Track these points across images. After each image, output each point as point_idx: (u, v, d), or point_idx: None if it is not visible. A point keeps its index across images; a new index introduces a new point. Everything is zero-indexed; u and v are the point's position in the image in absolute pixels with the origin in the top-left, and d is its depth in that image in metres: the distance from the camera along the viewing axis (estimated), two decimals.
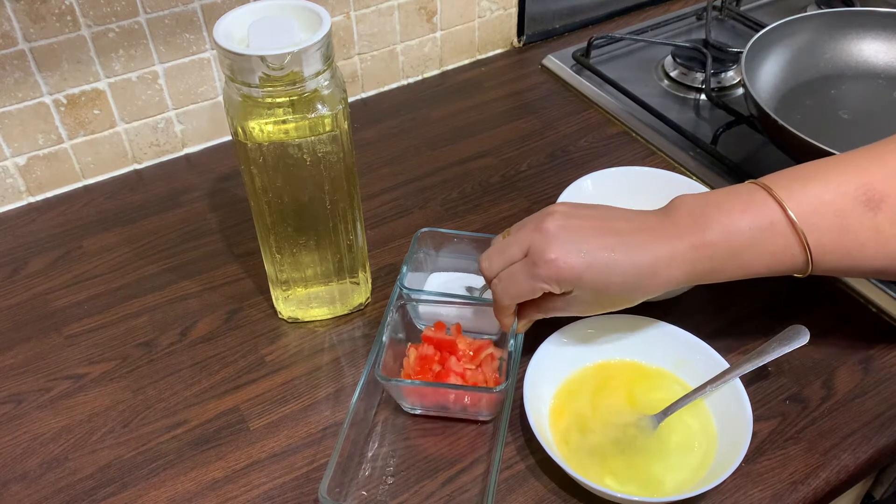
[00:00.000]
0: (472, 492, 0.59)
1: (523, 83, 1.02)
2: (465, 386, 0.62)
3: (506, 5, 1.05)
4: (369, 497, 0.58)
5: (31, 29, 0.76)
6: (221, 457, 0.62)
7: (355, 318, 0.72)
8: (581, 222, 0.59)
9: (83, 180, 0.88)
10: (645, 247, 0.57)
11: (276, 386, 0.67)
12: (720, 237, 0.57)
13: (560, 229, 0.58)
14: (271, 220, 0.64)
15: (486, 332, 0.67)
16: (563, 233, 0.58)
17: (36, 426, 0.64)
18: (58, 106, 0.82)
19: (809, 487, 0.58)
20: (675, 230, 0.58)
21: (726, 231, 0.57)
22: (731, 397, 0.61)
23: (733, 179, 0.84)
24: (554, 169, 0.88)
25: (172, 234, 0.81)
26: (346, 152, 0.62)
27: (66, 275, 0.77)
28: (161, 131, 0.89)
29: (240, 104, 0.58)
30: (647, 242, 0.58)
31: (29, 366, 0.69)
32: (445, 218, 0.82)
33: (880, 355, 0.67)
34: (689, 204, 0.59)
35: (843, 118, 0.85)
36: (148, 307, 0.74)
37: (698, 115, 0.95)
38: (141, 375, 0.68)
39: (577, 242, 0.57)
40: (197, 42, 0.85)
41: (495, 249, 0.61)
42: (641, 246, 0.57)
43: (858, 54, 0.90)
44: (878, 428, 0.62)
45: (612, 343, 0.66)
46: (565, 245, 0.57)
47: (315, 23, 0.58)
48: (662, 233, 0.58)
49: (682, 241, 0.57)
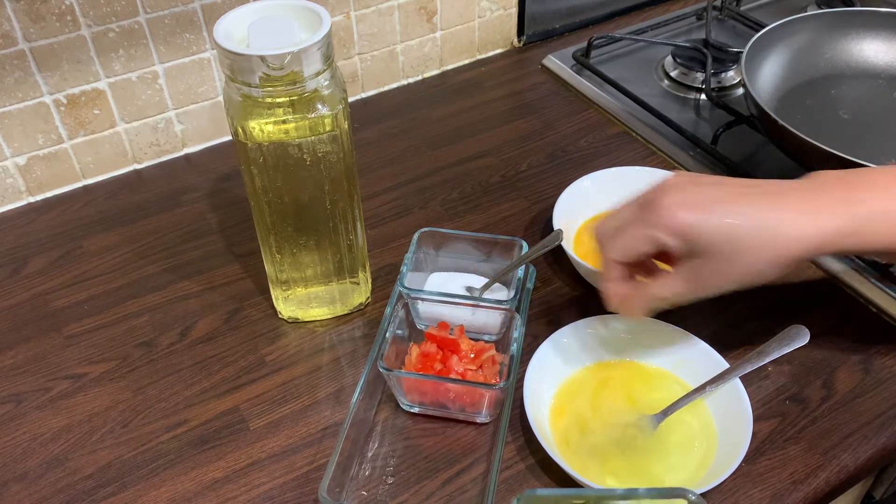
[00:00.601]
0: (472, 492, 0.59)
1: (523, 83, 1.02)
2: (465, 380, 0.62)
3: (506, 5, 1.05)
4: (369, 497, 0.58)
5: (31, 29, 0.76)
6: (221, 457, 0.62)
7: (355, 318, 0.72)
8: (703, 179, 0.54)
9: (83, 180, 0.88)
10: (780, 200, 0.52)
11: (276, 386, 0.67)
12: (876, 202, 0.52)
13: (679, 182, 0.53)
14: (271, 220, 0.64)
15: (485, 332, 0.67)
16: (682, 184, 0.53)
17: (36, 426, 0.64)
18: (58, 106, 0.82)
19: (809, 487, 0.58)
20: (823, 188, 0.52)
21: (884, 197, 0.52)
22: (732, 397, 0.61)
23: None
24: (554, 169, 0.88)
25: (172, 234, 0.81)
26: (346, 152, 0.62)
27: (66, 275, 0.77)
28: (161, 131, 0.89)
29: (240, 104, 0.58)
30: (783, 196, 0.52)
31: (29, 366, 0.69)
32: (445, 218, 0.82)
33: (880, 355, 0.67)
34: (834, 173, 0.54)
35: (843, 118, 0.85)
36: (148, 307, 0.74)
37: (698, 115, 0.95)
38: (141, 375, 0.68)
39: (695, 192, 0.52)
40: (197, 42, 0.85)
41: (610, 214, 0.57)
42: (776, 198, 0.52)
43: (858, 54, 0.90)
44: (878, 428, 0.62)
45: (612, 343, 0.66)
46: (682, 193, 0.52)
47: (315, 23, 0.58)
48: (801, 191, 0.52)
49: (828, 196, 0.52)
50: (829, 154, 0.70)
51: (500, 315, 0.66)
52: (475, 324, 0.67)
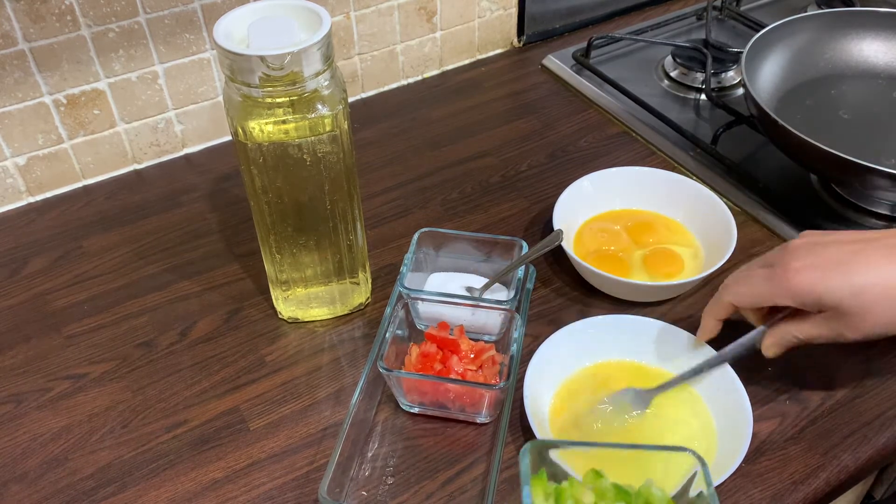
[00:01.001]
0: (472, 492, 0.59)
1: (523, 83, 1.02)
2: (465, 381, 0.62)
3: (506, 5, 1.05)
4: (369, 497, 0.58)
5: (31, 29, 0.76)
6: (221, 457, 0.62)
7: (355, 318, 0.72)
8: (828, 238, 0.56)
9: (83, 180, 0.88)
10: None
11: (275, 386, 0.67)
12: None
13: (804, 244, 0.56)
14: (271, 220, 0.64)
15: (485, 332, 0.67)
16: (808, 245, 0.56)
17: (36, 426, 0.64)
18: (58, 106, 0.82)
19: (809, 487, 0.58)
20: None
21: None
22: (731, 397, 0.61)
23: (733, 179, 0.84)
24: (554, 169, 0.88)
25: (172, 234, 0.81)
26: (346, 152, 0.62)
27: (66, 275, 0.77)
28: (161, 131, 0.89)
29: (240, 104, 0.58)
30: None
31: (29, 366, 0.69)
32: (445, 218, 0.82)
33: (880, 355, 0.67)
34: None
35: (843, 118, 0.85)
36: (148, 307, 0.74)
37: (698, 115, 0.95)
38: (141, 375, 0.68)
39: (820, 253, 0.55)
40: (197, 42, 0.85)
41: (741, 269, 0.60)
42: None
43: (858, 54, 0.90)
44: (878, 428, 0.62)
45: (612, 343, 0.66)
46: (809, 255, 0.55)
47: (315, 23, 0.58)
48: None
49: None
50: (829, 154, 0.70)
51: (500, 315, 0.66)
52: (475, 324, 0.67)
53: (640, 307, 0.71)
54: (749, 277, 0.58)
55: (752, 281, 0.58)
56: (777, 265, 0.56)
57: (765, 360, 0.66)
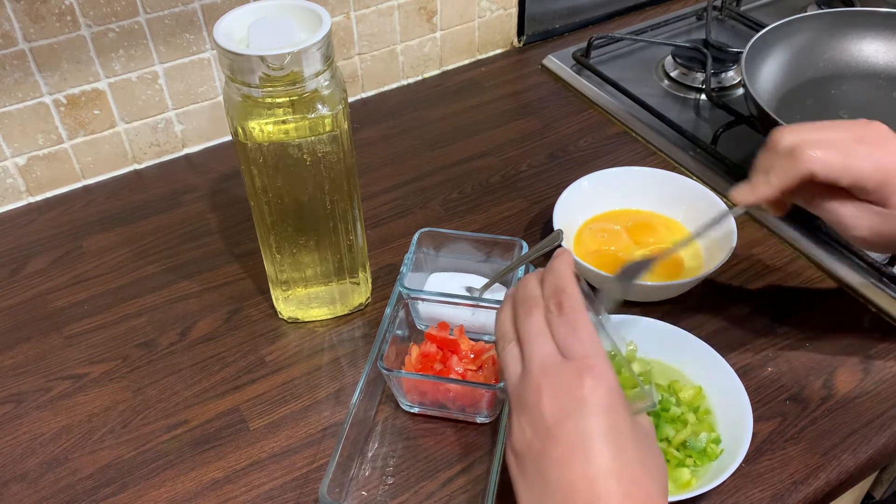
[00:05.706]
0: (472, 492, 0.59)
1: (523, 83, 1.02)
2: (465, 381, 0.62)
3: (506, 5, 1.05)
4: (369, 497, 0.58)
5: (31, 29, 0.76)
6: (221, 457, 0.62)
7: (355, 318, 0.72)
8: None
9: (83, 180, 0.88)
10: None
11: (276, 386, 0.67)
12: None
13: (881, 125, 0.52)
14: (271, 220, 0.64)
15: (485, 332, 0.67)
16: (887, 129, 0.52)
17: (36, 426, 0.64)
18: (58, 106, 0.82)
19: (809, 487, 0.58)
20: None
21: None
22: (732, 398, 0.61)
23: (733, 179, 0.84)
24: (554, 169, 0.88)
25: (172, 234, 0.81)
26: (346, 152, 0.62)
27: (66, 275, 0.77)
28: (161, 131, 0.89)
29: (240, 104, 0.58)
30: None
31: (29, 366, 0.69)
32: (445, 218, 0.82)
33: (880, 355, 0.67)
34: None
35: (843, 118, 0.85)
36: (148, 307, 0.74)
37: (698, 115, 0.95)
38: (141, 375, 0.68)
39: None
40: (197, 42, 0.85)
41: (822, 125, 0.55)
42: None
43: (858, 54, 0.90)
44: (878, 428, 0.62)
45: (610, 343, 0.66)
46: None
47: (315, 23, 0.58)
48: None
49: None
50: None
51: None
52: (475, 324, 0.67)
53: (640, 307, 0.71)
54: (841, 143, 0.50)
55: (849, 151, 0.50)
56: (869, 141, 0.49)
57: (765, 360, 0.66)
